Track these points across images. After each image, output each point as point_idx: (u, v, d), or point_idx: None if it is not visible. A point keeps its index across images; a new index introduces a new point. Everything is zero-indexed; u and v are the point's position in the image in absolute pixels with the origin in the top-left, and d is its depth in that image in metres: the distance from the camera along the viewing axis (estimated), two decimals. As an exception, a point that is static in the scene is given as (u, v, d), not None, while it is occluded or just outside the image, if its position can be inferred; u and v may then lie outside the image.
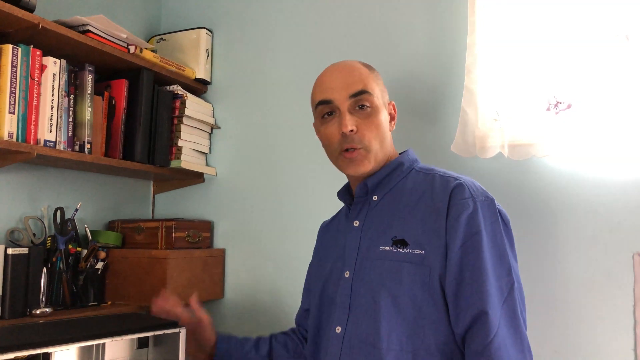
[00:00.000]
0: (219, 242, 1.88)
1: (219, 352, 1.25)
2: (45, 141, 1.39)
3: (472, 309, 0.97)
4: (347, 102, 1.12)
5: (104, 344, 1.01)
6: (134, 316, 1.19)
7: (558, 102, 1.37)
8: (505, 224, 1.07)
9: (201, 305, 1.31)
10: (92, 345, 1.01)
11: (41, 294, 1.40)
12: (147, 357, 1.13)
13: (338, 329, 1.09)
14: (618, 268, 1.33)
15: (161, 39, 1.96)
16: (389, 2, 1.67)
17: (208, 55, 1.93)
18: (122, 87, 1.65)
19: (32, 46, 1.38)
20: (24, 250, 1.38)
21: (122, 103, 1.64)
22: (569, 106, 1.36)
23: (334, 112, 1.14)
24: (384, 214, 1.13)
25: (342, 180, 1.26)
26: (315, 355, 1.19)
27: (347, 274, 1.12)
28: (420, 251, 1.03)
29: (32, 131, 1.37)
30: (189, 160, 1.81)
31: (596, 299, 1.34)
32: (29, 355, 0.92)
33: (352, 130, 1.10)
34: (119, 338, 0.98)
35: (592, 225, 1.36)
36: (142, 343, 1.12)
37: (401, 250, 1.05)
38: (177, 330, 1.06)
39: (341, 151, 1.14)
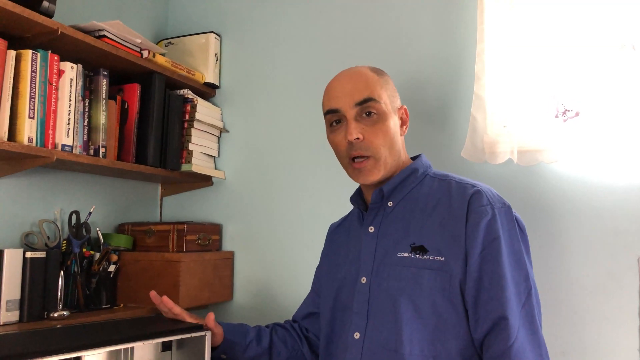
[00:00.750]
0: (227, 245, 1.90)
1: (225, 343, 1.23)
2: (63, 145, 1.40)
3: (492, 315, 0.99)
4: (353, 110, 1.13)
5: (132, 348, 1.03)
6: (153, 319, 1.21)
7: (566, 110, 1.41)
8: (522, 230, 1.10)
9: (211, 309, 1.30)
10: (120, 349, 1.03)
11: (58, 297, 1.41)
12: (171, 359, 1.15)
13: (357, 335, 1.10)
14: (623, 271, 1.37)
15: (169, 42, 1.98)
16: (400, 9, 1.70)
17: (217, 60, 1.95)
18: (134, 91, 1.66)
19: (50, 51, 1.39)
20: (42, 254, 1.39)
21: (134, 107, 1.66)
22: (577, 114, 1.40)
23: (341, 120, 1.16)
24: (400, 220, 1.14)
25: (349, 182, 1.26)
26: None
27: (363, 279, 1.13)
28: (440, 258, 1.05)
29: (50, 136, 1.38)
30: (198, 163, 1.83)
31: (602, 301, 1.38)
32: None
33: (357, 138, 1.12)
34: (149, 341, 1.00)
35: (598, 229, 1.40)
36: (166, 346, 1.14)
37: (420, 256, 1.07)
38: (203, 333, 1.08)
39: (349, 160, 1.15)
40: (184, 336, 1.07)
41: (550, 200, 1.46)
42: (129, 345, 0.99)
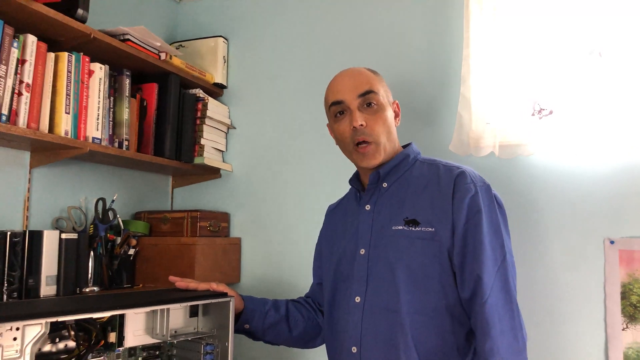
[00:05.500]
0: (235, 232, 2.07)
1: (246, 312, 1.35)
2: (93, 138, 1.56)
3: (472, 274, 1.17)
4: (356, 101, 1.29)
5: (168, 309, 1.18)
6: (176, 291, 1.35)
7: (542, 109, 1.60)
8: (500, 206, 1.27)
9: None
10: (157, 310, 1.19)
11: (89, 274, 1.57)
12: (197, 324, 1.30)
13: (357, 299, 1.26)
14: (591, 250, 1.56)
15: (180, 45, 2.14)
16: (395, 17, 1.88)
17: (224, 62, 2.11)
18: (152, 90, 1.82)
19: (82, 53, 1.54)
20: (74, 236, 1.55)
21: (152, 105, 1.82)
22: (551, 112, 1.59)
23: (345, 111, 1.31)
24: (394, 198, 1.31)
25: (345, 173, 1.42)
26: (331, 325, 1.35)
27: (362, 251, 1.29)
28: (430, 229, 1.22)
29: (82, 129, 1.53)
30: (209, 157, 1.99)
31: (572, 277, 1.57)
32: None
33: (362, 125, 1.28)
34: (185, 304, 1.16)
35: (570, 214, 1.59)
36: (193, 312, 1.30)
37: (413, 228, 1.24)
38: (228, 299, 1.24)
39: (354, 145, 1.31)
40: (213, 301, 1.22)
41: (528, 189, 1.64)
42: (166, 307, 1.15)
